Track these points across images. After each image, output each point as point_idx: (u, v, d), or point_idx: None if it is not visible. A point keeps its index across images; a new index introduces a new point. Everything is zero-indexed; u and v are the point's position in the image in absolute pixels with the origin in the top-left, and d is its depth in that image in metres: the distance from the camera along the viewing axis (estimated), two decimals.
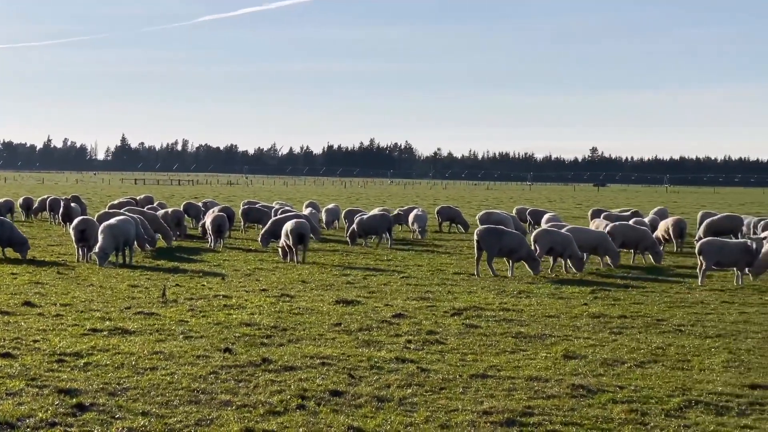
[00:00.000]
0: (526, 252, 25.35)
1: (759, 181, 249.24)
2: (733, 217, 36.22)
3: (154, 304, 19.24)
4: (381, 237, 34.33)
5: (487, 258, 25.54)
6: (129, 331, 16.03)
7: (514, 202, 76.61)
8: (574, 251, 25.97)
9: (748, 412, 11.51)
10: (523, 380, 12.93)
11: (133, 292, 21.03)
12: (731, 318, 18.56)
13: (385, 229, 34.23)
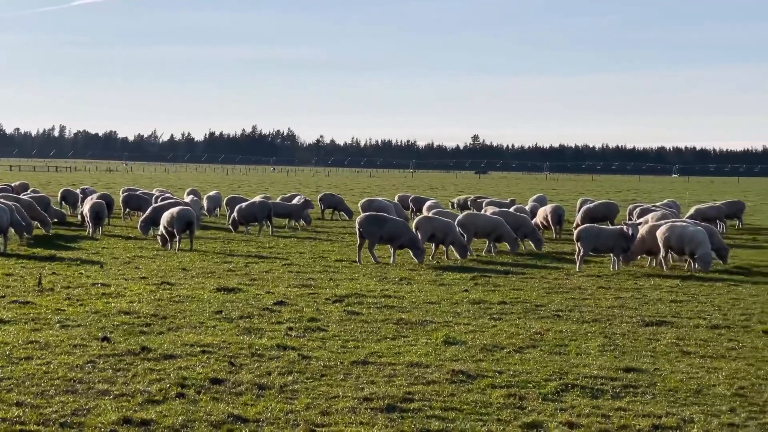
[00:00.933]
0: (408, 239, 25.45)
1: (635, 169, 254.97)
2: (609, 204, 37.01)
3: (29, 292, 18.81)
4: (261, 224, 34.14)
5: (369, 245, 25.61)
6: (3, 321, 15.65)
7: (397, 190, 76.98)
8: (456, 238, 26.18)
9: (622, 394, 11.76)
10: (404, 366, 13.00)
11: (8, 280, 20.53)
12: (607, 303, 18.94)
13: (265, 216, 34.06)
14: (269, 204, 35.25)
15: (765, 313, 17.88)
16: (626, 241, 24.33)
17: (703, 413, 10.91)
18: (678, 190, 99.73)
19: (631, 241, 24.30)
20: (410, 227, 25.95)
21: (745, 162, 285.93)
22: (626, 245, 24.36)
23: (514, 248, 27.74)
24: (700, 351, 14.38)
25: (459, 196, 53.16)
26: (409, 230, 25.79)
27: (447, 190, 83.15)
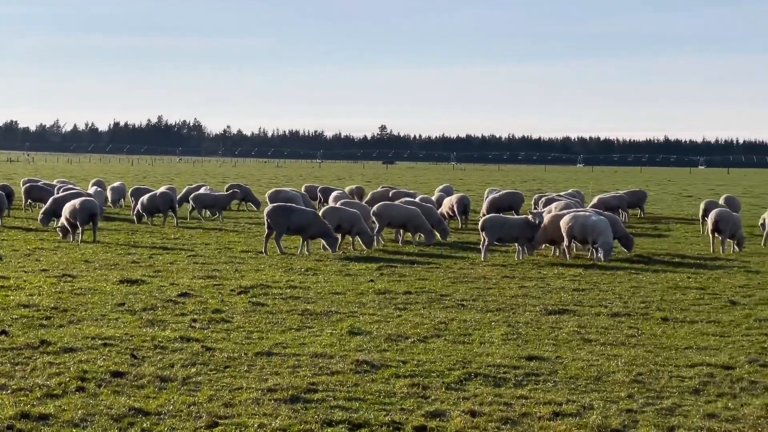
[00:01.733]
0: (319, 230, 25.38)
1: (541, 159, 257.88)
2: (514, 194, 37.37)
3: None
4: (165, 215, 33.80)
5: (276, 236, 25.51)
6: None
7: (304, 180, 76.72)
8: (362, 228, 26.21)
9: (524, 382, 11.89)
10: (308, 357, 12.99)
11: None
12: (511, 292, 19.13)
13: (167, 207, 33.74)
14: (171, 195, 34.90)
15: (664, 301, 18.22)
16: (531, 231, 24.58)
17: (603, 400, 11.08)
18: (582, 179, 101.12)
19: (535, 231, 24.56)
20: (320, 217, 25.86)
21: (647, 152, 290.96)
22: (531, 234, 24.61)
23: (429, 239, 27.83)
24: (600, 339, 14.60)
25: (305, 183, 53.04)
26: (320, 220, 25.68)
27: (354, 181, 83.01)
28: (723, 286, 20.24)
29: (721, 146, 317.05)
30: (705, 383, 11.89)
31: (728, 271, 22.69)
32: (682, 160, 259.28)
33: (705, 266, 23.75)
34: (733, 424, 10.23)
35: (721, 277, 21.62)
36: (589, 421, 10.26)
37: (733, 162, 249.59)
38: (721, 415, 10.55)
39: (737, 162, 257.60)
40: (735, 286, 20.25)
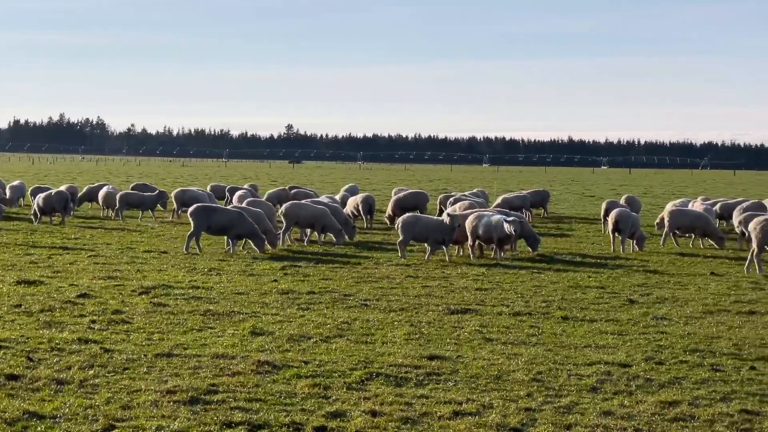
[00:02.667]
0: (245, 230, 25.15)
1: (447, 158, 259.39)
2: (419, 194, 37.50)
3: None
4: (63, 215, 33.27)
5: (195, 234, 25.28)
6: None
7: (210, 179, 76.18)
8: (267, 227, 26.06)
9: (425, 382, 11.94)
10: (209, 358, 12.88)
11: None
12: (414, 292, 19.20)
13: (62, 206, 33.20)
14: (67, 194, 34.32)
15: (565, 300, 18.44)
16: (442, 233, 24.58)
17: (502, 398, 11.18)
18: (488, 179, 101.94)
19: (448, 233, 24.53)
20: (246, 217, 25.59)
21: (552, 152, 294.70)
22: (442, 237, 24.62)
23: (339, 239, 27.78)
24: (501, 338, 14.73)
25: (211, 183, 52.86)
26: (246, 220, 25.41)
27: (261, 180, 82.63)
28: (622, 285, 20.56)
29: (623, 147, 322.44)
30: (602, 381, 12.06)
31: (627, 270, 23.06)
32: (586, 160, 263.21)
33: (605, 265, 24.11)
34: (628, 422, 10.39)
35: (621, 276, 21.96)
36: (489, 419, 10.35)
37: (634, 162, 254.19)
38: (617, 412, 10.72)
39: (639, 162, 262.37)
40: (634, 285, 20.59)
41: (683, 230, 29.32)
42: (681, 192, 72.12)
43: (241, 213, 25.74)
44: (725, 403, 11.12)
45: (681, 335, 15.08)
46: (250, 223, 25.29)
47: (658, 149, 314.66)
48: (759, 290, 20.09)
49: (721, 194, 64.02)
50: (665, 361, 13.25)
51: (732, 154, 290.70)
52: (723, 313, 17.32)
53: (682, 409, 10.83)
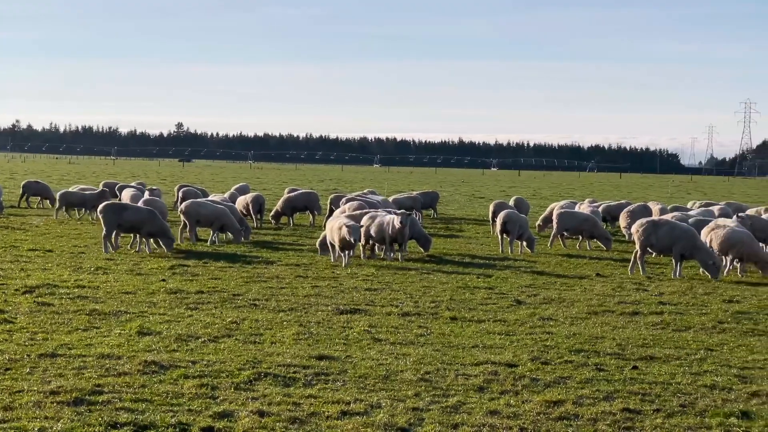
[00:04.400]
0: (158, 227, 24.78)
1: (338, 159, 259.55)
2: (309, 194, 37.44)
3: None
4: None
5: (105, 233, 24.85)
6: None
7: (97, 177, 74.97)
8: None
9: (314, 382, 11.93)
10: (95, 358, 12.69)
11: None
12: (304, 292, 19.17)
13: None
14: None
15: (453, 301, 18.60)
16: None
17: (390, 398, 11.23)
18: (379, 179, 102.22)
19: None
20: (157, 215, 25.19)
21: (442, 153, 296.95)
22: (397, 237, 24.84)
23: (238, 238, 27.56)
24: (390, 338, 14.79)
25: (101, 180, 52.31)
26: (157, 219, 24.99)
27: (150, 178, 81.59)
28: (510, 286, 20.82)
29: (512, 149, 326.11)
30: (489, 381, 12.19)
31: (515, 272, 23.35)
32: (476, 161, 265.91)
33: (494, 266, 24.38)
34: (514, 421, 10.53)
35: (509, 277, 22.23)
36: (376, 419, 10.38)
37: (524, 164, 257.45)
38: (503, 411, 10.84)
39: (528, 164, 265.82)
40: (521, 286, 20.86)
41: (571, 232, 29.82)
42: (569, 194, 73.26)
43: (153, 211, 25.37)
44: (608, 402, 11.33)
45: (566, 335, 15.33)
46: (161, 222, 25.00)
47: (546, 152, 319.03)
48: (642, 291, 20.52)
49: (607, 196, 65.31)
50: (551, 360, 13.45)
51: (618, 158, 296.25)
52: (607, 313, 17.65)
53: (567, 408, 11.01)
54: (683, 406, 11.26)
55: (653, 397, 11.59)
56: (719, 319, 17.22)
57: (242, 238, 27.75)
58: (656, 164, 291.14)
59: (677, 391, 11.94)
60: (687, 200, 53.57)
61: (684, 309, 18.25)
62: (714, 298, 19.63)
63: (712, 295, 20.13)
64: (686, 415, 10.91)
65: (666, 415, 10.86)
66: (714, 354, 14.23)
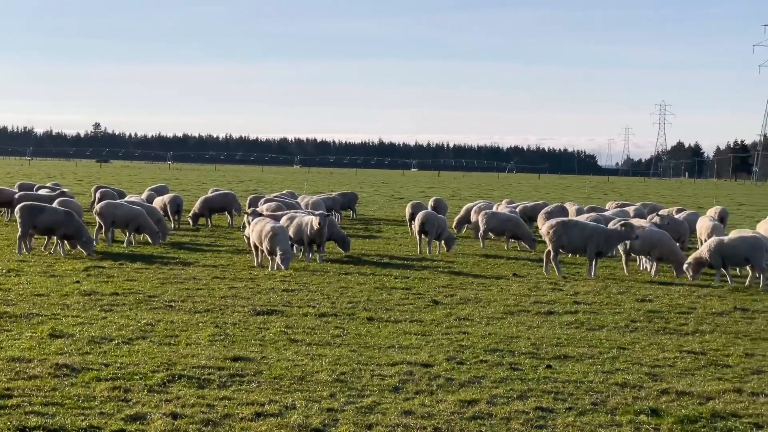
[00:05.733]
0: (74, 229, 24.38)
1: (258, 159, 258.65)
2: (227, 194, 37.22)
3: None
4: None
5: (20, 234, 24.44)
6: None
7: (12, 178, 73.68)
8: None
9: (228, 383, 11.85)
10: (4, 362, 12.47)
11: None
12: (221, 293, 19.05)
13: None
14: None
15: (371, 301, 18.61)
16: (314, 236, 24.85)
17: (305, 399, 11.20)
18: (298, 180, 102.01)
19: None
20: (75, 217, 24.77)
21: (363, 154, 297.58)
22: (319, 240, 24.91)
23: (156, 240, 27.25)
24: (306, 339, 14.75)
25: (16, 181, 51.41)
26: (74, 219, 24.58)
27: (66, 179, 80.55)
28: (427, 286, 20.90)
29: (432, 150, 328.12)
30: (404, 381, 12.22)
31: (433, 272, 23.46)
32: (396, 162, 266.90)
33: (412, 267, 24.46)
34: (428, 421, 10.57)
35: (427, 278, 22.31)
36: (291, 420, 10.35)
37: (443, 165, 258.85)
38: (418, 411, 10.88)
39: (448, 165, 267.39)
40: (438, 286, 20.96)
41: (495, 232, 30.02)
42: (488, 194, 73.83)
43: (70, 213, 24.94)
44: (522, 401, 11.43)
45: (482, 335, 15.43)
46: (79, 224, 24.60)
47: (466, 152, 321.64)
48: (558, 291, 20.74)
49: (526, 197, 65.92)
50: (466, 360, 13.52)
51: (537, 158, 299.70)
52: (523, 313, 17.80)
53: (481, 408, 11.08)
54: (595, 404, 11.40)
55: (566, 396, 11.72)
56: (632, 318, 17.48)
57: (159, 239, 27.48)
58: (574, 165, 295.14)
59: (589, 389, 12.09)
60: (604, 201, 54.40)
61: (598, 308, 18.48)
62: (627, 298, 19.92)
63: (625, 294, 20.42)
64: (597, 412, 11.05)
65: (578, 413, 10.99)
66: (626, 352, 14.43)
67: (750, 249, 22.34)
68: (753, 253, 22.26)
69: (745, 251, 22.38)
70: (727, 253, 22.53)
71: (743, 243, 22.60)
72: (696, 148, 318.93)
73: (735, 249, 22.53)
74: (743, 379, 12.84)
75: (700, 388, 12.24)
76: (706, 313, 18.17)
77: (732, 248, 22.55)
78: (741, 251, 22.42)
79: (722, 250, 22.55)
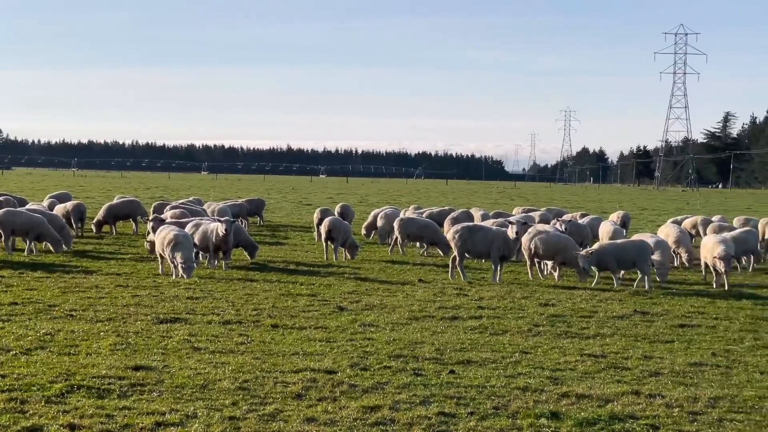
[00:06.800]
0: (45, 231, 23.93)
1: (165, 166, 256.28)
2: (132, 201, 36.79)
3: None
4: None
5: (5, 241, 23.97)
6: None
7: None
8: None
9: (129, 393, 11.70)
10: None
11: None
12: (123, 301, 18.81)
13: None
14: None
15: (276, 308, 18.54)
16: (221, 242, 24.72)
17: (207, 408, 11.11)
18: (206, 187, 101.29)
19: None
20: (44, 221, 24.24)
21: (271, 160, 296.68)
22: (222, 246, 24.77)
23: (58, 249, 26.74)
24: (210, 347, 14.64)
25: None
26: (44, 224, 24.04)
27: None
28: (333, 293, 20.87)
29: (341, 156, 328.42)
30: (308, 388, 12.19)
31: (339, 278, 23.44)
32: (305, 168, 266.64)
33: (318, 273, 24.41)
34: (330, 427, 10.56)
35: (332, 284, 22.28)
36: (192, 429, 10.27)
37: (352, 171, 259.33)
38: (320, 418, 10.86)
39: (356, 171, 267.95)
40: (344, 293, 20.94)
41: (412, 238, 30.05)
42: (396, 200, 74.01)
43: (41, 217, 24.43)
44: (424, 407, 11.47)
45: (386, 341, 15.45)
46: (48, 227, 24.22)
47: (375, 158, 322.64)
48: (463, 296, 20.86)
49: (434, 203, 66.23)
50: (370, 366, 13.53)
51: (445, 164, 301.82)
52: (428, 318, 17.88)
53: (383, 414, 11.10)
54: (496, 408, 11.50)
55: (468, 401, 11.80)
56: (535, 322, 17.67)
57: (62, 247, 27.03)
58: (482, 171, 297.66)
59: (491, 393, 12.19)
60: (511, 206, 54.99)
61: (502, 313, 18.65)
62: (531, 302, 20.13)
63: (529, 299, 20.63)
64: (499, 417, 11.15)
65: (479, 418, 11.07)
66: (528, 356, 14.59)
67: (638, 253, 23.04)
68: (639, 256, 22.94)
69: (633, 255, 23.01)
70: (618, 257, 23.11)
71: (633, 246, 23.35)
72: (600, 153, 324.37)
73: (624, 252, 23.13)
74: (641, 381, 13.07)
75: (600, 390, 12.43)
76: (607, 317, 18.45)
77: (621, 251, 23.16)
78: (630, 254, 23.06)
79: (615, 253, 23.14)
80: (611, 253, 23.24)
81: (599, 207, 72.33)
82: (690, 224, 34.17)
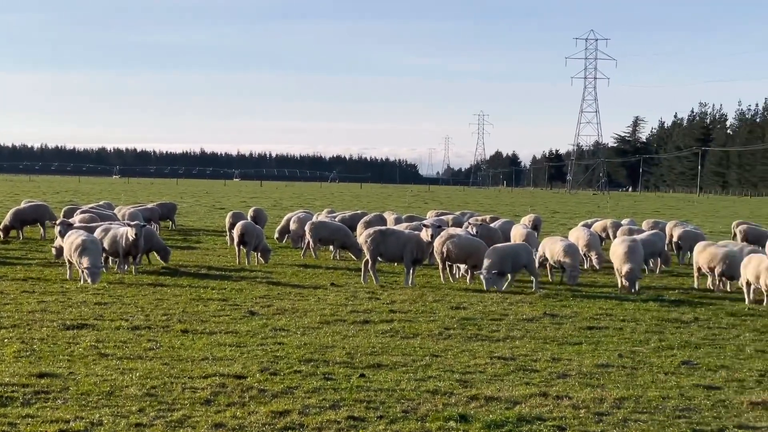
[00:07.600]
0: None
1: (75, 170, 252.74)
2: (39, 206, 36.21)
3: None
4: None
5: None
6: None
7: None
8: None
9: (33, 401, 11.49)
10: None
11: None
12: (29, 307, 18.48)
13: None
14: None
15: (186, 313, 18.36)
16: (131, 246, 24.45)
17: (113, 414, 10.95)
18: (117, 191, 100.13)
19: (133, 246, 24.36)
20: None
21: (184, 164, 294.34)
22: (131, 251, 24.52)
23: None
24: (118, 353, 14.44)
25: None
26: None
27: None
28: (244, 297, 20.74)
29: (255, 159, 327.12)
30: (216, 393, 12.08)
31: (251, 282, 23.30)
32: (218, 172, 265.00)
33: (230, 278, 24.24)
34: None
35: (244, 288, 22.14)
36: None
37: (266, 175, 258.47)
38: (229, 424, 10.77)
39: (270, 175, 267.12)
40: (256, 297, 20.82)
41: (324, 242, 29.92)
42: (309, 204, 73.86)
43: None
44: (334, 411, 11.44)
45: (297, 345, 15.39)
46: None
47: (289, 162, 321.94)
48: (375, 300, 20.86)
49: (348, 206, 66.28)
50: (280, 371, 13.46)
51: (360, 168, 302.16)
52: (339, 322, 17.84)
53: (293, 418, 11.05)
54: (406, 411, 11.51)
55: (378, 404, 11.80)
56: (446, 325, 17.74)
57: None
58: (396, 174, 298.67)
59: (401, 397, 12.20)
60: (425, 210, 55.22)
61: (413, 316, 18.69)
62: (443, 305, 20.20)
63: (441, 302, 20.70)
64: (408, 420, 11.16)
65: (389, 421, 11.07)
66: (439, 360, 14.63)
67: (528, 255, 23.34)
68: (528, 258, 23.30)
69: (525, 258, 23.26)
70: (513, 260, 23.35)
71: (523, 249, 23.64)
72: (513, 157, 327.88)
73: (517, 256, 23.35)
74: (549, 383, 13.19)
75: (508, 393, 12.52)
76: (517, 320, 18.60)
77: (515, 255, 23.37)
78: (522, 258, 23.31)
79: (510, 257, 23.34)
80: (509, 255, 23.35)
81: (512, 210, 73.03)
82: (600, 227, 34.68)
